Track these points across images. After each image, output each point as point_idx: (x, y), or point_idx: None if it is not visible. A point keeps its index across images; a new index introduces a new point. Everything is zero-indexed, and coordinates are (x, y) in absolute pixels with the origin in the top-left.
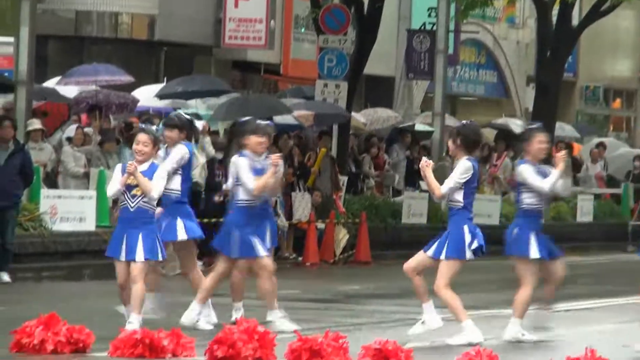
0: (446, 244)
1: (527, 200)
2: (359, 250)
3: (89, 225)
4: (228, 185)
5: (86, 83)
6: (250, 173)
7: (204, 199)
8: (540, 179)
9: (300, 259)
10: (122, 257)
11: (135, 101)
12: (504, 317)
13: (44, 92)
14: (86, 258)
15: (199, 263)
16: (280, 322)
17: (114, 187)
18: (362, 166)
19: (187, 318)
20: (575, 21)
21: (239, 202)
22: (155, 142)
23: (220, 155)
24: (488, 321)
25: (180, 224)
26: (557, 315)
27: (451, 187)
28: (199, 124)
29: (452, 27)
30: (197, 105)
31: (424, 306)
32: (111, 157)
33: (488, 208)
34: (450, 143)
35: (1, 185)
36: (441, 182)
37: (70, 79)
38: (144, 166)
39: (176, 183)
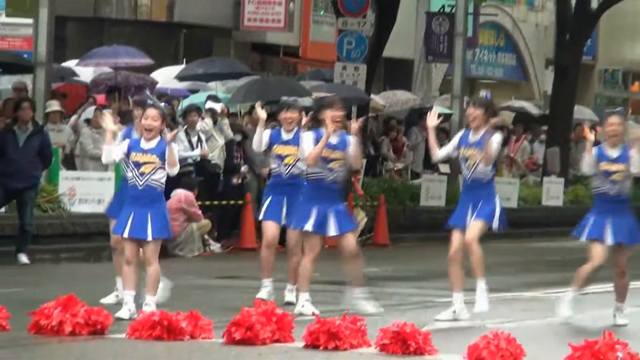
0: (483, 208)
1: None
2: (377, 233)
3: (108, 205)
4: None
5: (106, 65)
6: (312, 144)
7: (223, 180)
8: None
9: None
10: (126, 233)
11: (154, 83)
12: (524, 300)
13: (63, 72)
14: (105, 240)
15: (217, 245)
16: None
17: (111, 153)
18: (380, 149)
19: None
20: (594, 4)
21: (310, 174)
22: (164, 118)
23: (238, 138)
24: (508, 304)
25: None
26: (575, 298)
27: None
28: (217, 107)
29: (471, 9)
30: (216, 88)
31: (456, 296)
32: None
33: (507, 191)
34: (478, 112)
35: (20, 167)
36: (458, 165)
37: (90, 61)
38: (153, 143)
39: None
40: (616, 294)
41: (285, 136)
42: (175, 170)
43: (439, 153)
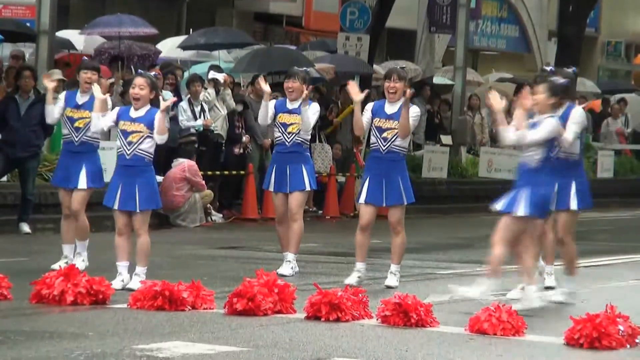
0: (576, 194)
1: None
2: None
3: (110, 176)
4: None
5: (110, 34)
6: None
7: (225, 151)
8: None
9: (320, 212)
10: (116, 205)
11: (157, 52)
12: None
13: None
14: (107, 209)
15: (219, 215)
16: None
17: (99, 122)
18: None
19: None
20: None
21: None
22: (153, 87)
23: (240, 108)
24: (508, 276)
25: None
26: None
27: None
28: (220, 76)
29: None
30: (220, 57)
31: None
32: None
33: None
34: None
35: (22, 136)
36: (460, 137)
37: (94, 30)
38: (141, 111)
39: None
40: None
41: (289, 105)
42: (163, 138)
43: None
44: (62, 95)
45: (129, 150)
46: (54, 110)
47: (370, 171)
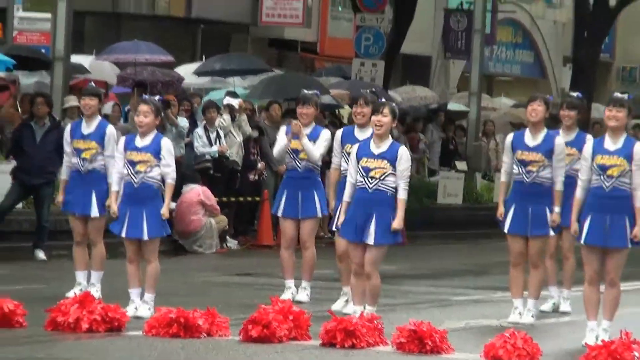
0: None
1: None
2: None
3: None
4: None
5: (126, 60)
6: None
7: (240, 177)
8: None
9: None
10: (123, 233)
11: (180, 79)
12: (540, 298)
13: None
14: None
15: (234, 242)
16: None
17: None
18: None
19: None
20: (612, 1)
21: None
22: (157, 113)
23: (256, 134)
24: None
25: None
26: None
27: None
28: (235, 102)
29: (489, 6)
30: (235, 83)
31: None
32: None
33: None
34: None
35: (37, 163)
36: (475, 163)
37: (109, 56)
38: (147, 139)
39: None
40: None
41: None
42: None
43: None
44: (68, 127)
45: (136, 179)
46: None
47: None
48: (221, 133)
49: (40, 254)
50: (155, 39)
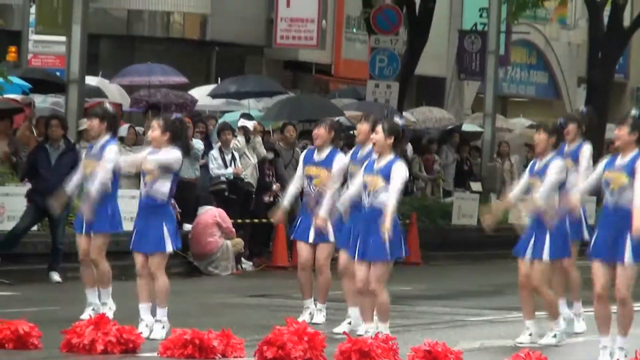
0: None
1: None
2: (409, 251)
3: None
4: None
5: (140, 82)
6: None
7: (254, 199)
8: None
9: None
10: (131, 246)
11: (194, 101)
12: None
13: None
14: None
15: (249, 263)
16: None
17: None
18: (412, 167)
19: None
20: (626, 22)
21: None
22: (165, 129)
23: (271, 156)
24: (539, 322)
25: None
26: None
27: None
28: (250, 124)
29: (503, 27)
30: (250, 105)
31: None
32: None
33: None
34: (569, 129)
35: (52, 185)
36: (490, 183)
37: (124, 78)
38: (155, 153)
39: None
40: None
41: (316, 156)
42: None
43: None
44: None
45: (143, 191)
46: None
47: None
48: (236, 155)
49: (55, 276)
50: (170, 62)
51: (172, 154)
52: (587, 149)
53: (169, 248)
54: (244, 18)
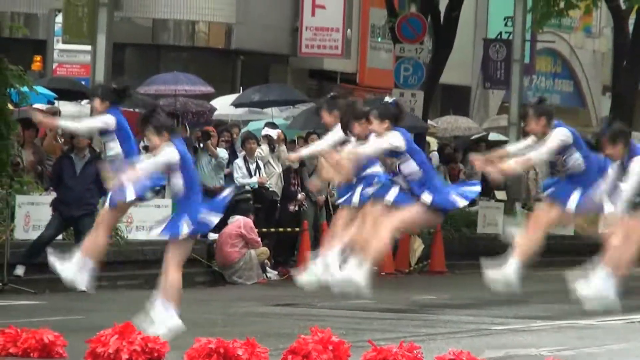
0: None
1: None
2: (434, 260)
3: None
4: None
5: (166, 92)
6: None
7: (279, 208)
8: None
9: (375, 268)
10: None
11: (212, 110)
12: (579, 327)
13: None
14: (162, 267)
15: (274, 272)
16: None
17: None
18: None
19: None
20: None
21: None
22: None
23: (296, 165)
24: (564, 332)
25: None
26: (632, 326)
27: None
28: (274, 133)
29: (528, 36)
30: (273, 114)
31: None
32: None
33: None
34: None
35: (77, 194)
36: (515, 192)
37: (150, 87)
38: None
39: None
40: None
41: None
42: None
43: None
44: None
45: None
46: None
47: None
48: (260, 164)
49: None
50: (195, 71)
51: (160, 156)
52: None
53: (185, 231)
54: (269, 27)
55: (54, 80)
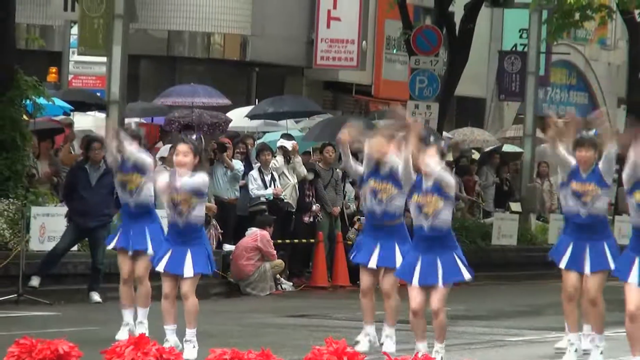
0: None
1: None
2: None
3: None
4: None
5: (183, 103)
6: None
7: (294, 219)
8: None
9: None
10: (162, 267)
11: (227, 121)
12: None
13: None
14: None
15: (289, 283)
16: None
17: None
18: None
19: None
20: None
21: None
22: (197, 152)
23: (311, 176)
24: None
25: None
26: None
27: None
28: (288, 144)
29: (543, 48)
30: (288, 126)
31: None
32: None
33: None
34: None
35: (92, 206)
36: (530, 204)
37: (167, 99)
38: (185, 179)
39: None
40: None
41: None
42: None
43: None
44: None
45: (180, 220)
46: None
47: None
48: (276, 175)
49: (96, 297)
50: (210, 82)
51: (202, 179)
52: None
53: (211, 270)
54: (284, 39)
55: (69, 93)
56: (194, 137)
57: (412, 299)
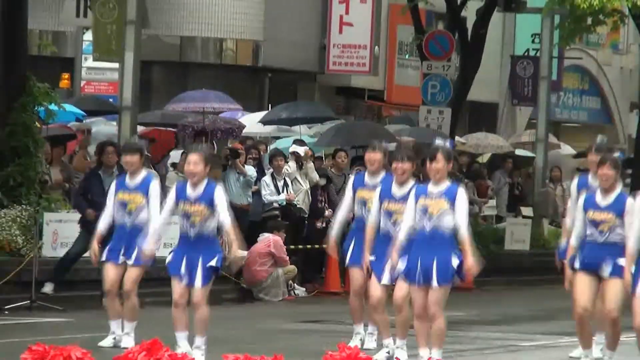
0: None
1: None
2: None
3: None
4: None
5: (195, 109)
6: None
7: (307, 225)
8: None
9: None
10: (178, 276)
11: (241, 127)
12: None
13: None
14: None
15: (302, 289)
16: None
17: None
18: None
19: None
20: None
21: None
22: (207, 161)
23: (323, 182)
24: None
25: None
26: None
27: None
28: (301, 150)
29: (555, 53)
30: (301, 131)
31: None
32: (217, 182)
33: None
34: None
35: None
36: (542, 209)
37: (178, 105)
38: (200, 188)
39: None
40: None
41: (369, 180)
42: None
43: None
44: (114, 182)
45: (192, 231)
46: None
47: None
48: (288, 181)
49: None
50: (223, 88)
51: (223, 194)
52: None
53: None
54: (296, 44)
55: (81, 101)
56: (204, 145)
57: (415, 301)
